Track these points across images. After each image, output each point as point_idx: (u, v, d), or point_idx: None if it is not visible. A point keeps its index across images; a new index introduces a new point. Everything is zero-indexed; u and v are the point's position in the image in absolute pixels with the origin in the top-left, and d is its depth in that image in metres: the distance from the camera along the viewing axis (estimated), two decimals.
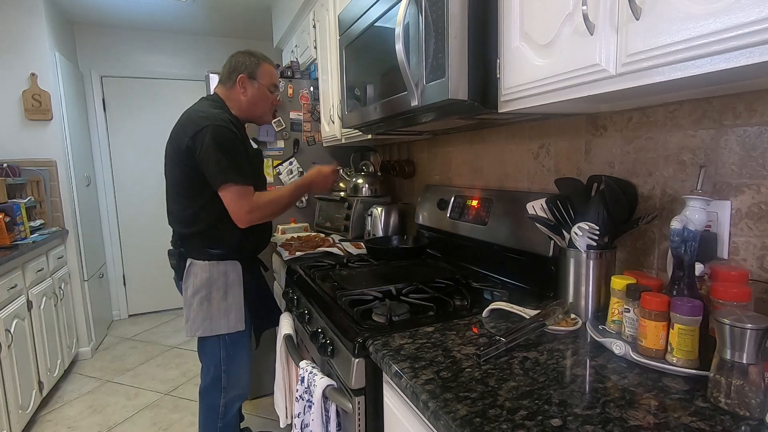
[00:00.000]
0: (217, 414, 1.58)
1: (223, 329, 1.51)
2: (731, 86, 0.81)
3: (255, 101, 1.56)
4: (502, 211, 1.43)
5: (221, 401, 1.57)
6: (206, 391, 1.59)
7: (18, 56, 2.81)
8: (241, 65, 1.53)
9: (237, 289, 1.52)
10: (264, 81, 1.56)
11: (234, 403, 1.61)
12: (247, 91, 1.54)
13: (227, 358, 1.55)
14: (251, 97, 1.55)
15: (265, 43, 3.94)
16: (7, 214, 2.37)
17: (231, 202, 1.41)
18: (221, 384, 1.56)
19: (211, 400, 1.58)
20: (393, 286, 1.26)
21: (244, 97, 1.54)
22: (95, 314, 3.30)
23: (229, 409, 1.60)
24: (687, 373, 0.75)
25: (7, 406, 1.98)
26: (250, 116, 1.59)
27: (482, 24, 0.99)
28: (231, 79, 1.53)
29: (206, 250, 1.49)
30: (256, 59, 1.55)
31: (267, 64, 1.57)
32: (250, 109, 1.57)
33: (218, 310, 1.50)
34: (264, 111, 1.61)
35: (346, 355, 1.02)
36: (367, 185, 2.28)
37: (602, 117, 1.16)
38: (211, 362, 1.55)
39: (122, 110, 3.81)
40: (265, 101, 1.58)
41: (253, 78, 1.54)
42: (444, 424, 0.67)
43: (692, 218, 0.82)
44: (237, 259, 1.53)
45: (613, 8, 0.72)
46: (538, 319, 0.97)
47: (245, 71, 1.53)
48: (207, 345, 1.55)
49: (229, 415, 1.60)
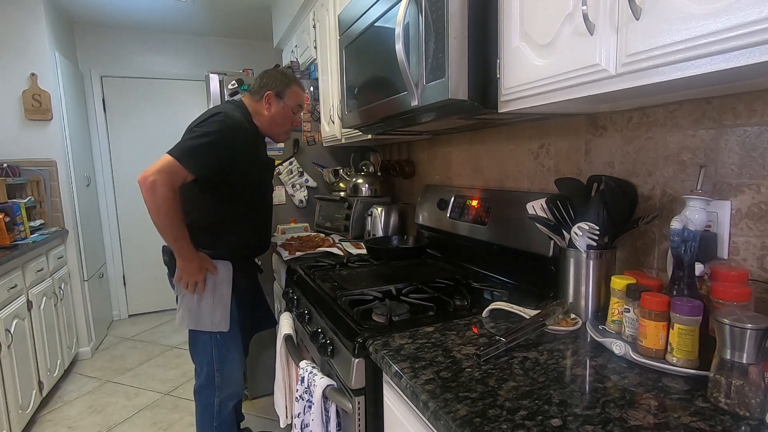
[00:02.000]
0: (213, 413, 1.59)
1: (207, 326, 1.52)
2: (731, 86, 0.81)
3: (277, 119, 1.61)
4: (502, 211, 1.43)
5: (216, 400, 1.58)
6: (201, 390, 1.60)
7: (18, 56, 2.81)
8: (272, 82, 1.58)
9: (225, 288, 1.53)
10: (290, 102, 1.61)
11: (228, 402, 1.62)
12: (271, 107, 1.59)
13: (219, 357, 1.56)
14: (274, 114, 1.60)
15: (265, 43, 3.94)
16: (7, 214, 2.37)
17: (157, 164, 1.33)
18: (215, 383, 1.57)
19: (206, 399, 1.59)
20: (393, 286, 1.26)
21: (268, 112, 1.59)
22: (95, 314, 3.30)
23: (223, 408, 1.61)
24: (687, 373, 0.75)
25: (7, 406, 1.98)
26: (269, 131, 1.64)
27: (482, 24, 0.99)
28: (259, 94, 1.59)
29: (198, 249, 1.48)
30: (287, 80, 1.61)
31: (296, 86, 1.63)
32: (270, 125, 1.62)
33: (206, 306, 1.51)
34: (284, 130, 1.66)
35: (346, 355, 1.02)
36: (367, 185, 2.28)
37: (602, 117, 1.16)
38: (204, 360, 1.56)
39: (122, 110, 3.81)
40: (286, 121, 1.63)
41: (280, 97, 1.59)
42: (444, 424, 0.67)
43: (692, 218, 0.82)
44: (228, 259, 1.54)
45: (613, 8, 0.72)
46: (538, 319, 0.97)
47: (274, 89, 1.58)
48: (199, 343, 1.56)
49: (224, 413, 1.61)
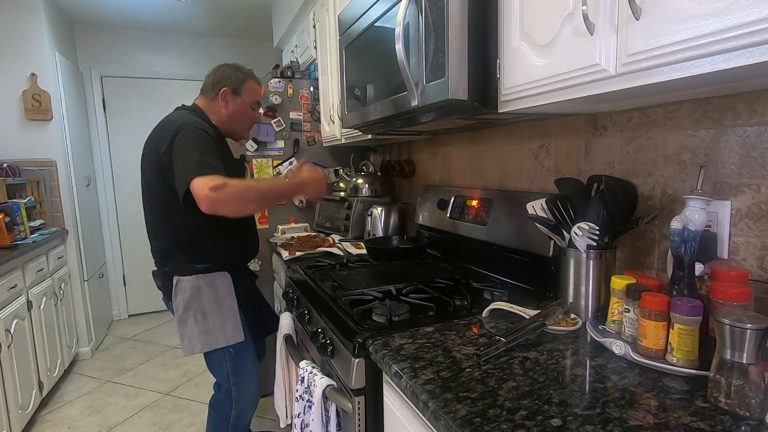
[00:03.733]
0: (228, 424, 1.55)
1: (221, 342, 1.46)
2: (731, 86, 0.81)
3: (235, 117, 1.53)
4: (502, 211, 1.43)
5: (232, 413, 1.54)
6: (218, 403, 1.57)
7: (18, 56, 2.81)
8: (226, 79, 1.50)
9: (229, 299, 1.48)
10: (247, 98, 1.53)
11: (245, 413, 1.58)
12: (228, 105, 1.51)
13: (235, 371, 1.51)
14: (232, 112, 1.52)
15: (265, 43, 3.94)
16: (7, 214, 2.37)
17: (198, 188, 1.23)
18: (232, 397, 1.53)
19: (221, 411, 1.56)
20: (393, 286, 1.26)
21: (225, 110, 1.52)
22: (95, 314, 3.30)
23: (240, 420, 1.56)
24: (687, 373, 0.75)
25: (7, 406, 1.98)
26: (229, 131, 1.57)
27: (482, 24, 0.99)
28: (214, 91, 1.51)
29: (191, 266, 1.44)
30: (242, 75, 1.52)
31: (252, 81, 1.55)
32: (230, 123, 1.54)
33: (214, 322, 1.45)
34: (243, 128, 1.59)
35: (346, 355, 1.02)
36: (367, 185, 2.28)
37: (602, 117, 1.16)
38: (221, 376, 1.52)
39: (122, 110, 3.81)
40: (245, 118, 1.56)
41: (236, 93, 1.51)
42: (444, 424, 0.67)
43: (692, 218, 0.82)
44: (225, 270, 1.49)
45: (613, 8, 0.72)
46: (538, 319, 0.96)
47: (230, 85, 1.50)
48: (214, 360, 1.51)
49: (239, 425, 1.57)
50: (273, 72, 2.49)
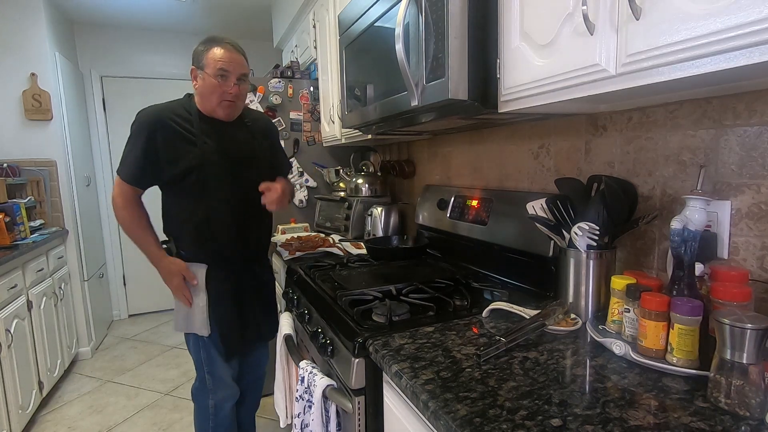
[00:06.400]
0: (208, 414, 1.57)
1: (192, 329, 1.50)
2: (731, 86, 0.81)
3: (204, 93, 1.40)
4: (502, 211, 1.43)
5: (210, 402, 1.56)
6: (196, 392, 1.59)
7: (18, 56, 2.81)
8: (193, 55, 1.41)
9: (201, 292, 1.48)
10: (209, 70, 1.36)
11: (224, 404, 1.58)
12: (197, 83, 1.41)
13: (208, 359, 1.52)
14: (200, 89, 1.41)
15: (265, 43, 3.94)
16: (7, 214, 2.37)
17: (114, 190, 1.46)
18: (207, 385, 1.55)
19: (201, 401, 1.58)
20: (393, 286, 1.26)
21: (197, 89, 1.43)
22: (95, 314, 3.30)
23: (219, 410, 1.57)
24: (687, 373, 0.75)
25: (7, 406, 1.98)
26: (206, 110, 1.44)
27: (482, 24, 0.99)
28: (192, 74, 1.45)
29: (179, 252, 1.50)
30: (203, 47, 1.39)
31: (214, 48, 1.37)
32: (202, 101, 1.43)
33: (191, 310, 1.49)
34: (213, 103, 1.40)
35: (346, 355, 1.02)
36: (367, 185, 2.28)
37: (602, 117, 1.16)
38: (197, 362, 1.55)
39: (122, 110, 3.81)
40: (213, 91, 1.38)
41: (200, 68, 1.39)
42: (444, 424, 0.67)
43: (692, 218, 0.82)
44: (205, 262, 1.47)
45: (613, 8, 0.72)
46: (538, 319, 0.97)
47: (194, 62, 1.40)
48: (190, 344, 1.55)
49: (220, 415, 1.58)
50: (273, 72, 2.49)
